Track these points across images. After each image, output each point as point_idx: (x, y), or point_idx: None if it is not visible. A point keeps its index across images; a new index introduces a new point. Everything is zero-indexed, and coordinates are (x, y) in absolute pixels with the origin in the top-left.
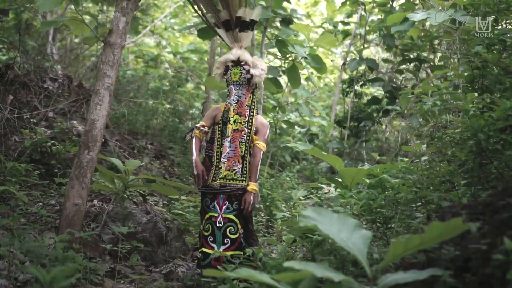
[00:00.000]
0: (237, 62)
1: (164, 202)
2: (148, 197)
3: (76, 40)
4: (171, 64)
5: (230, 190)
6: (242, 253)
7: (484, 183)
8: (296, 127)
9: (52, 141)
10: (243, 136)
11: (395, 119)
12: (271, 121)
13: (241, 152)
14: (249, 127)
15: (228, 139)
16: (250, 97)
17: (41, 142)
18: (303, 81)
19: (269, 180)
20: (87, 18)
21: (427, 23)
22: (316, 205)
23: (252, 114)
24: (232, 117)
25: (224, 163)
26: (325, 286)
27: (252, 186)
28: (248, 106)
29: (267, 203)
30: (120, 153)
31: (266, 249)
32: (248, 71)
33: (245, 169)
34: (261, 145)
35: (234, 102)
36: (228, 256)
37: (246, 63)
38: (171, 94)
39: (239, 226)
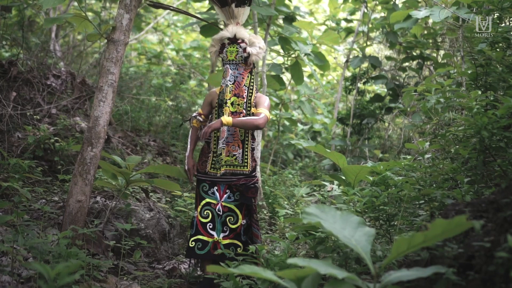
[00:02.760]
0: (233, 40)
1: (167, 199)
2: (151, 194)
3: (79, 37)
4: (174, 61)
5: (231, 180)
6: (240, 243)
7: (487, 181)
8: (298, 124)
9: (55, 138)
10: None
11: (398, 117)
12: (274, 118)
13: (241, 136)
14: (249, 109)
15: None
16: (248, 77)
17: (44, 139)
18: (305, 79)
19: (272, 177)
20: (90, 15)
21: (430, 21)
22: (319, 202)
23: (251, 95)
24: (229, 99)
25: (223, 148)
26: (328, 283)
27: (226, 119)
28: (246, 86)
29: (270, 200)
30: (123, 150)
31: (269, 246)
32: (244, 49)
33: (246, 154)
34: (262, 110)
35: (231, 83)
36: (224, 246)
37: (243, 41)
38: (174, 91)
39: (240, 217)
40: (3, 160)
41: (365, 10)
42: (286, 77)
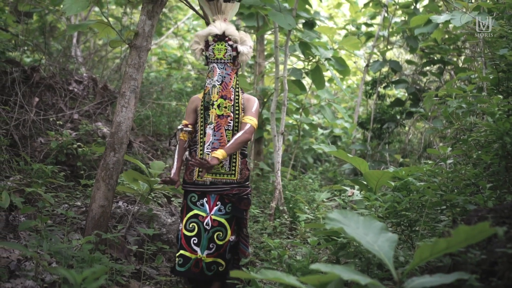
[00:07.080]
0: (221, 37)
1: None
2: (172, 199)
3: (100, 42)
4: (194, 66)
5: (223, 189)
6: (223, 262)
7: (509, 186)
8: (318, 129)
9: (78, 143)
10: (230, 123)
11: (419, 121)
12: (294, 123)
13: (228, 141)
14: (237, 112)
15: (212, 126)
16: (234, 78)
17: (67, 144)
18: (326, 83)
19: (292, 182)
20: (111, 20)
21: (451, 25)
22: (339, 207)
23: (237, 97)
24: (216, 100)
25: (208, 154)
26: None
27: (219, 153)
28: (233, 88)
29: (290, 205)
30: (144, 154)
31: (290, 251)
32: (235, 48)
33: (233, 161)
34: (249, 119)
35: (218, 83)
36: (207, 262)
37: (230, 39)
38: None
39: (229, 232)
40: (27, 166)
41: (386, 15)
42: (307, 81)
